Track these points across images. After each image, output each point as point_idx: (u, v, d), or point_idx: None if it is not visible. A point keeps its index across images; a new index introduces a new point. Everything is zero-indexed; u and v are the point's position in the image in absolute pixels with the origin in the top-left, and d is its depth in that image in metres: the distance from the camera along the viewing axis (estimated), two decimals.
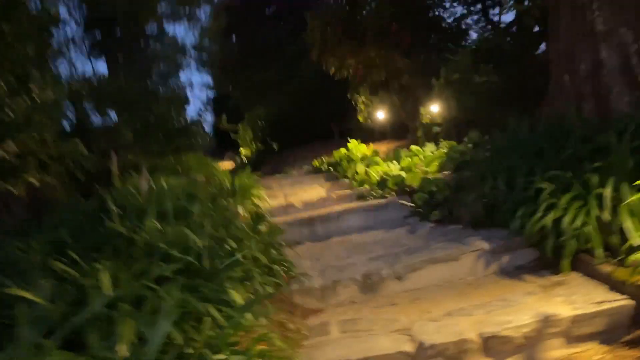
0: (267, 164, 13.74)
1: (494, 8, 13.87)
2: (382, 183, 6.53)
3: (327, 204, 6.88)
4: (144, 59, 29.21)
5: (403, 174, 6.55)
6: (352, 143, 10.10)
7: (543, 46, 8.26)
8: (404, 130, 10.60)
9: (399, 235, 4.90)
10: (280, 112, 14.88)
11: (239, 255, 2.83)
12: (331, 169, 9.15)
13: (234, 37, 19.24)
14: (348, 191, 7.27)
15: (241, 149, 16.20)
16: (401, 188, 6.24)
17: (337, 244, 5.07)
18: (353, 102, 10.34)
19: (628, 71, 3.91)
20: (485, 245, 3.71)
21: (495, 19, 13.63)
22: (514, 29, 12.67)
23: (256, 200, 6.70)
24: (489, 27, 13.10)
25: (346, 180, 8.06)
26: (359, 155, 9.37)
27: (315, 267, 4.23)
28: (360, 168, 7.79)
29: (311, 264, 4.33)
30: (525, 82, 6.47)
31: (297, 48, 14.78)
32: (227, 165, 17.66)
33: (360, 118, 10.26)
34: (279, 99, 15.19)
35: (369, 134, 11.60)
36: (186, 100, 33.21)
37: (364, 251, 4.47)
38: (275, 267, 3.80)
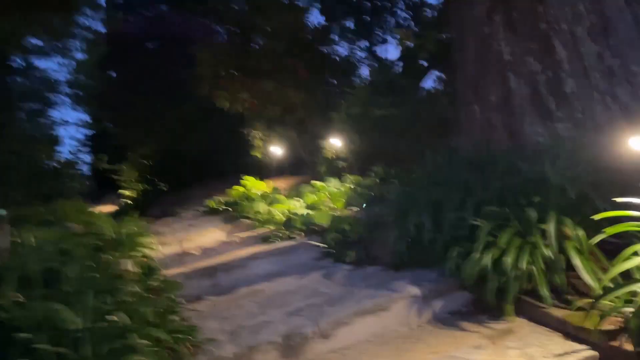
0: (156, 206, 12.65)
1: (378, 44, 14.44)
2: (288, 223, 6.07)
3: (230, 248, 6.24)
4: (7, 95, 26.41)
5: (310, 212, 6.15)
6: (249, 180, 9.58)
7: (430, 81, 8.54)
8: (304, 166, 10.31)
9: (315, 282, 4.43)
10: (168, 149, 13.89)
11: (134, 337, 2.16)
12: (229, 209, 8.50)
13: (113, 71, 17.92)
14: (251, 233, 6.71)
15: (125, 191, 14.85)
16: (310, 228, 5.82)
17: (246, 297, 4.46)
18: (248, 138, 9.85)
19: (538, 100, 3.89)
20: (416, 291, 3.37)
21: (382, 55, 14.16)
22: (401, 64, 13.21)
23: (146, 251, 5.88)
24: (376, 63, 13.54)
25: (247, 221, 7.48)
26: (259, 192, 8.86)
27: (224, 329, 3.59)
28: (262, 207, 7.28)
29: (219, 326, 3.68)
30: (424, 115, 6.47)
31: (183, 81, 14.05)
32: (108, 209, 16.12)
33: (257, 154, 9.79)
34: (166, 135, 14.21)
35: (266, 171, 11.13)
36: (57, 140, 30.36)
37: (279, 304, 3.92)
38: (176, 335, 3.13)
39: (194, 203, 10.86)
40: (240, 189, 9.38)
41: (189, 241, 7.03)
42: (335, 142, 7.32)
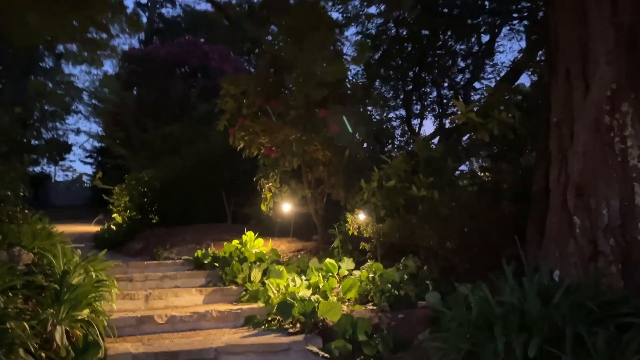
0: (139, 239, 11.33)
1: (415, 118, 13.53)
2: (283, 307, 4.74)
3: (203, 325, 4.90)
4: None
5: (314, 299, 4.83)
6: (248, 236, 8.31)
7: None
8: (314, 233, 9.05)
9: None
10: (170, 179, 12.72)
11: None
12: (217, 265, 7.19)
13: (135, 89, 17.18)
14: (234, 306, 5.38)
15: (116, 214, 13.56)
16: (310, 321, 4.50)
17: None
18: (258, 187, 8.67)
19: None
20: None
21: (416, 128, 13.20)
22: (435, 140, 12.20)
23: (100, 304, 4.57)
24: (409, 134, 12.55)
25: (233, 287, 6.17)
26: (254, 252, 7.57)
27: None
28: (255, 274, 5.98)
29: None
30: (475, 207, 5.25)
31: (204, 112, 13.11)
32: (93, 229, 14.78)
33: (263, 207, 8.56)
34: (172, 165, 13.09)
35: (270, 227, 9.88)
36: (68, 147, 29.47)
37: None
38: None
39: (181, 245, 9.54)
40: (235, 243, 8.11)
41: (158, 299, 5.70)
42: (359, 217, 6.08)
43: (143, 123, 14.39)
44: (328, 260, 5.88)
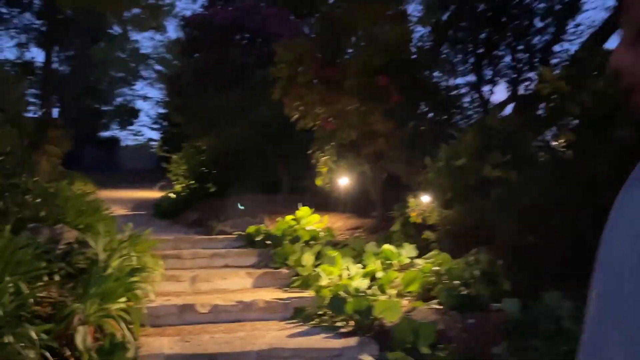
0: (195, 209, 11.21)
1: (485, 84, 12.40)
2: (336, 303, 4.25)
3: (248, 316, 4.52)
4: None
5: (370, 293, 4.30)
6: (303, 211, 7.88)
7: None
8: (369, 208, 8.48)
9: None
10: (227, 148, 12.47)
11: None
12: (269, 243, 6.81)
13: (194, 55, 16.94)
14: (283, 295, 4.95)
15: (174, 183, 13.57)
16: (365, 320, 3.98)
17: None
18: (314, 160, 8.15)
19: None
20: None
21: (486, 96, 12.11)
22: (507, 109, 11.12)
23: (142, 288, 4.27)
24: (481, 105, 11.52)
25: (284, 271, 5.75)
26: (308, 230, 7.13)
27: None
28: (308, 258, 5.51)
29: None
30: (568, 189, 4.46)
31: (262, 79, 12.64)
32: (157, 195, 14.97)
33: (318, 182, 8.06)
34: (229, 133, 12.81)
35: (325, 202, 9.40)
36: (136, 113, 30.14)
37: None
38: None
39: (236, 217, 9.28)
40: (289, 219, 7.70)
41: (205, 282, 5.38)
42: (423, 199, 5.42)
43: (200, 90, 14.15)
44: (387, 246, 5.31)
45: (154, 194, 15.81)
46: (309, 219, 7.83)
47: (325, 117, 7.80)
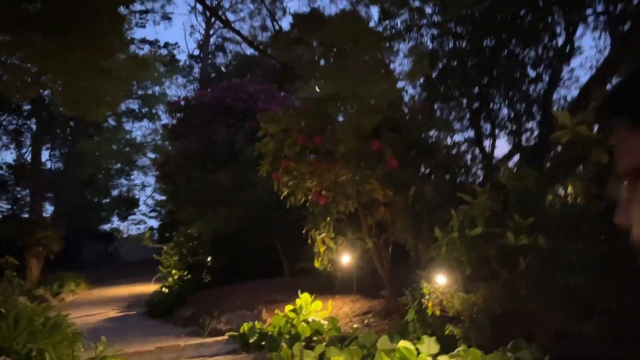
0: (189, 304, 10.24)
1: (486, 138, 11.80)
2: None
3: None
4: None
5: None
6: (303, 299, 6.95)
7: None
8: (377, 287, 7.55)
9: None
10: (218, 233, 11.65)
11: None
12: (264, 344, 5.83)
13: (182, 139, 16.56)
14: None
15: (168, 276, 12.59)
16: None
17: None
18: (309, 240, 7.31)
19: None
20: None
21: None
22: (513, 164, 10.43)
23: None
24: (480, 158, 10.84)
25: None
26: (310, 321, 6.17)
27: None
28: None
29: None
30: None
31: (251, 157, 12.08)
32: (154, 288, 13.92)
33: (316, 264, 7.16)
34: (221, 216, 12.03)
35: (329, 282, 8.48)
36: (136, 202, 29.55)
37: None
38: None
39: (230, 311, 8.31)
40: (288, 310, 6.76)
41: None
42: (439, 281, 4.49)
43: (189, 173, 13.56)
44: (403, 344, 4.34)
45: (150, 287, 14.82)
46: (310, 308, 6.89)
47: (317, 191, 7.06)
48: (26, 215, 22.98)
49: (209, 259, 11.65)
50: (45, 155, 26.52)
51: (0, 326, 4.33)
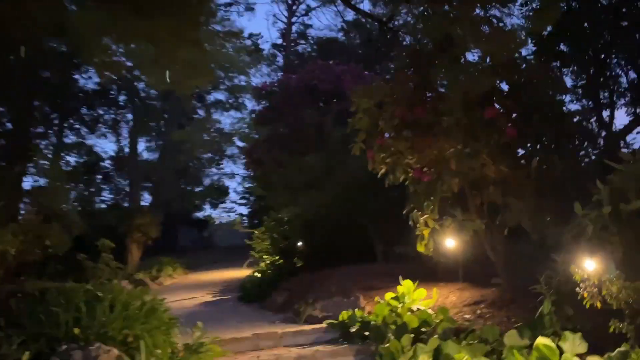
0: (282, 289, 9.98)
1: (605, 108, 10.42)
2: None
3: None
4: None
5: None
6: (405, 286, 6.34)
7: None
8: (487, 274, 6.76)
9: None
10: (310, 218, 11.30)
11: None
12: (367, 334, 5.32)
13: (269, 124, 16.43)
14: None
15: (260, 260, 12.48)
16: None
17: None
18: (411, 222, 6.67)
19: None
20: None
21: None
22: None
23: None
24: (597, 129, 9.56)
25: None
26: (415, 311, 5.57)
27: None
28: None
29: None
30: None
31: (340, 138, 11.56)
32: (247, 272, 13.94)
33: (420, 248, 6.50)
34: (312, 199, 11.66)
35: (429, 268, 7.80)
36: (226, 191, 30.24)
37: None
38: None
39: (325, 298, 7.87)
40: (390, 297, 6.20)
41: None
42: (587, 266, 3.67)
43: (278, 158, 13.34)
44: (542, 341, 3.61)
45: (243, 272, 14.89)
46: (413, 296, 6.27)
47: (419, 167, 6.38)
48: (126, 205, 24.25)
49: (299, 243, 11.33)
50: (142, 146, 27.79)
51: (96, 311, 4.15)
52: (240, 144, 28.40)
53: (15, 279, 4.44)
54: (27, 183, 10.56)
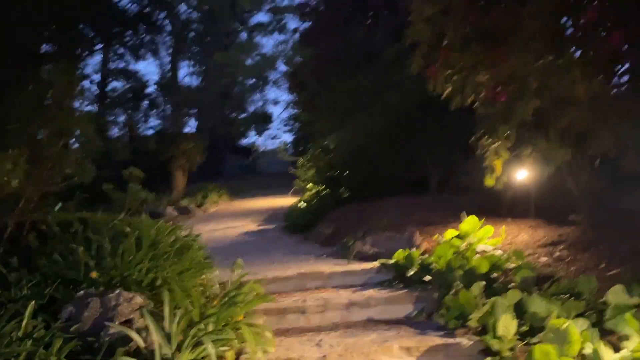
0: (329, 220, 9.39)
1: None
2: None
3: None
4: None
5: None
6: (470, 223, 5.58)
7: None
8: (563, 211, 5.87)
9: None
10: (358, 144, 10.48)
11: None
12: (427, 279, 4.65)
13: (314, 44, 15.27)
14: None
15: (306, 190, 11.92)
16: None
17: None
18: (479, 149, 5.77)
19: None
20: None
21: None
22: None
23: None
24: None
25: (464, 342, 3.52)
26: (484, 252, 4.83)
27: None
28: (507, 326, 3.23)
29: None
30: None
31: (394, 55, 10.42)
32: (291, 201, 13.50)
33: (489, 181, 5.63)
34: (361, 124, 10.76)
35: (492, 201, 6.94)
36: (269, 118, 29.62)
37: None
38: None
39: (376, 231, 7.20)
40: (451, 235, 5.46)
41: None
42: None
43: (324, 79, 12.36)
44: None
45: (287, 200, 14.46)
46: (478, 234, 5.50)
47: (493, 86, 5.37)
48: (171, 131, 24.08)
49: (346, 172, 10.62)
50: (184, 71, 27.24)
51: (117, 251, 3.61)
52: (284, 67, 27.30)
53: (35, 211, 3.91)
54: None
